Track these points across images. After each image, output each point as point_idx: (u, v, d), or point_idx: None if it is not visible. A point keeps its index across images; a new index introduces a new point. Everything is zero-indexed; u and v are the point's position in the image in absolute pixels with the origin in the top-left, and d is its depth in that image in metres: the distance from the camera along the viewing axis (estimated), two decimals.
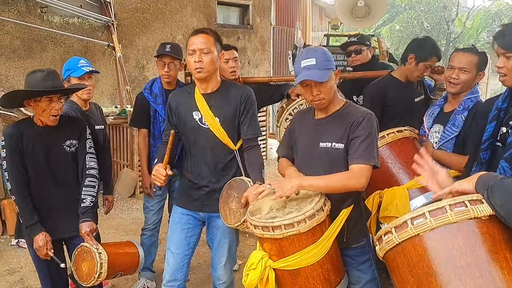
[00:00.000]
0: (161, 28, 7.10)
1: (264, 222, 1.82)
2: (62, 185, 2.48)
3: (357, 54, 3.80)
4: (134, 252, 2.60)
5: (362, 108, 2.05)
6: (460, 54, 2.45)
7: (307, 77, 1.91)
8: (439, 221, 1.35)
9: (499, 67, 1.77)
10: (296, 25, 10.69)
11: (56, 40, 5.45)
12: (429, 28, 20.09)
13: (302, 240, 1.81)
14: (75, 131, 2.53)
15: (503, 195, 1.30)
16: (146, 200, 3.39)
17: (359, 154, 1.90)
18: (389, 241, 1.46)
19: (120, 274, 2.52)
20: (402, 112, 2.95)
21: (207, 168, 2.41)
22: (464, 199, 1.36)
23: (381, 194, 2.39)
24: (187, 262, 2.50)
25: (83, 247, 2.39)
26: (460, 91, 2.45)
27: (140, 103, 3.28)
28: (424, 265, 1.37)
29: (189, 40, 2.31)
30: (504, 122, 1.84)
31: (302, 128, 2.14)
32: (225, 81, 2.48)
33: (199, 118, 2.37)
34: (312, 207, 1.82)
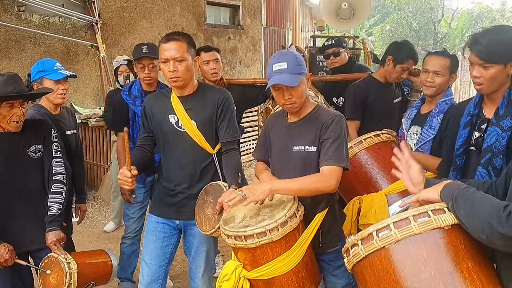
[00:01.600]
0: (149, 27, 6.96)
1: (236, 232, 1.79)
2: (28, 194, 2.35)
3: (335, 56, 3.89)
4: (106, 260, 2.49)
5: (331, 111, 2.07)
6: (433, 58, 2.51)
7: (278, 81, 1.91)
8: (404, 232, 1.33)
9: (476, 76, 1.79)
10: (286, 25, 10.64)
11: (36, 40, 5.29)
12: (417, 28, 21.01)
13: (275, 248, 1.79)
14: (40, 135, 2.40)
15: (466, 205, 1.29)
16: (126, 207, 3.30)
17: (329, 156, 1.90)
18: (356, 254, 1.43)
19: (91, 285, 2.39)
20: (380, 113, 3.04)
21: (183, 173, 2.34)
22: (427, 209, 1.35)
23: (360, 200, 2.38)
24: (163, 273, 2.41)
25: (50, 258, 2.27)
26: (436, 93, 2.51)
27: (118, 105, 3.19)
28: (390, 279, 1.34)
29: (161, 46, 2.24)
30: (477, 126, 1.88)
31: (276, 132, 2.14)
32: (202, 84, 2.43)
33: (175, 121, 2.32)
34: (285, 213, 1.80)
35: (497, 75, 1.76)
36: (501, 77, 1.78)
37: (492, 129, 1.80)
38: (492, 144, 1.78)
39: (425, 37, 21.02)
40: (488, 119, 1.85)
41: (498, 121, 1.79)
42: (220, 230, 2.03)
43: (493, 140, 1.78)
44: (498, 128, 1.78)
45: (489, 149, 1.79)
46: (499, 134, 1.77)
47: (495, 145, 1.77)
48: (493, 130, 1.80)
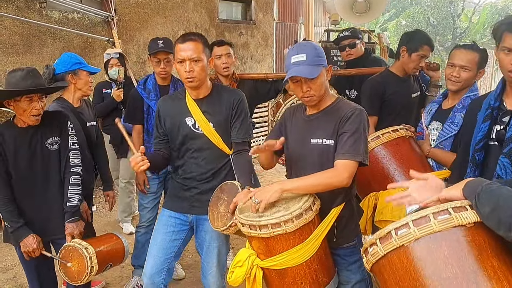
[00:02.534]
0: (162, 23, 7.04)
1: (251, 221, 1.79)
2: (48, 186, 2.43)
3: (351, 48, 3.80)
4: (118, 241, 2.58)
5: (353, 104, 2.00)
6: (461, 51, 2.38)
7: (296, 73, 1.87)
8: (423, 230, 1.29)
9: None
10: (299, 20, 10.61)
11: (56, 36, 5.42)
12: (435, 23, 20.16)
13: (289, 239, 1.78)
14: (56, 127, 2.46)
15: (490, 201, 1.23)
16: (140, 197, 3.37)
17: (345, 150, 1.86)
18: (375, 253, 1.40)
19: (109, 266, 2.49)
20: (399, 108, 2.94)
21: (199, 171, 2.37)
22: (448, 207, 1.30)
23: (376, 196, 2.34)
24: (168, 267, 2.41)
25: (67, 247, 2.35)
26: (460, 88, 2.41)
27: (134, 99, 3.26)
28: (410, 278, 1.31)
29: (177, 46, 2.25)
30: (498, 119, 1.79)
31: (293, 124, 2.10)
32: (216, 85, 2.45)
33: (192, 123, 2.34)
34: (300, 206, 1.78)
35: None
36: None
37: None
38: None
39: (443, 33, 20.24)
40: (510, 110, 1.76)
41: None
42: (231, 228, 2.06)
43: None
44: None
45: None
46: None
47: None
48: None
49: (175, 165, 2.47)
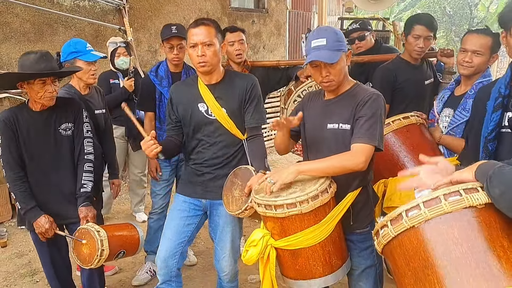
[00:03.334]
0: (174, 11, 7.01)
1: (267, 201, 1.81)
2: (59, 170, 2.46)
3: (360, 41, 3.75)
4: (133, 231, 2.58)
5: (370, 89, 1.99)
6: (473, 36, 2.36)
7: (316, 57, 1.86)
8: (434, 211, 1.30)
9: None
10: (312, 9, 10.49)
11: (67, 24, 5.43)
12: (451, 13, 19.88)
13: (304, 220, 1.80)
14: (70, 113, 2.49)
15: (501, 184, 1.23)
16: (153, 184, 3.40)
17: (361, 134, 1.85)
18: (386, 235, 1.41)
19: (122, 253, 2.49)
20: (412, 95, 2.92)
21: (213, 157, 2.38)
22: (459, 188, 1.31)
23: (385, 183, 2.34)
24: (181, 251, 2.44)
25: (80, 230, 2.38)
26: (472, 73, 2.38)
27: (146, 86, 3.27)
28: (420, 258, 1.32)
29: (189, 31, 2.25)
30: (510, 106, 1.77)
31: (311, 109, 2.10)
32: (228, 71, 2.44)
33: (205, 109, 2.34)
34: (316, 188, 1.80)
35: None
36: None
37: None
38: None
39: (459, 23, 19.88)
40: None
41: None
42: (246, 211, 2.08)
43: None
44: None
45: None
46: None
47: None
48: None
49: (188, 151, 2.48)
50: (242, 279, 3.22)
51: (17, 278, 3.47)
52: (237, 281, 2.59)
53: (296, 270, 1.90)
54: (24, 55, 2.35)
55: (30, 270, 3.57)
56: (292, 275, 1.93)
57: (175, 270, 2.44)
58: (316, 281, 1.90)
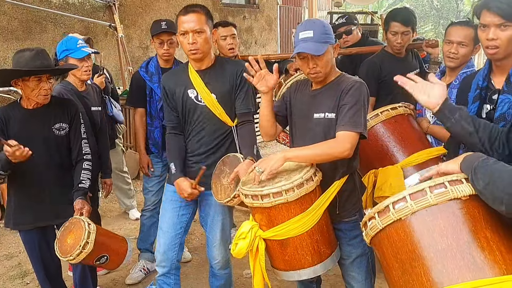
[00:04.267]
0: (165, 8, 6.98)
1: (253, 191, 1.82)
2: (52, 170, 2.43)
3: (347, 35, 3.80)
4: (124, 242, 2.51)
5: (354, 78, 2.03)
6: (457, 28, 2.42)
7: (302, 49, 1.89)
8: (420, 204, 1.32)
9: (492, 39, 1.70)
10: (303, 4, 10.49)
11: (56, 21, 5.39)
12: (439, 7, 20.22)
13: (291, 209, 1.81)
14: (66, 114, 2.46)
15: (485, 176, 1.26)
16: (145, 181, 3.38)
17: (345, 121, 1.88)
18: (373, 227, 1.44)
19: (105, 258, 2.37)
20: (398, 87, 2.88)
21: (201, 144, 2.38)
22: (444, 180, 1.34)
23: (376, 173, 2.36)
24: (179, 242, 2.46)
25: (72, 220, 2.32)
26: (458, 65, 2.45)
27: (136, 82, 3.24)
28: (407, 250, 1.35)
29: (179, 19, 2.24)
30: (487, 99, 1.81)
31: (298, 99, 2.13)
32: (219, 57, 2.44)
33: (194, 95, 2.33)
34: (301, 176, 1.81)
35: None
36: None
37: (503, 97, 1.73)
38: (505, 112, 1.71)
39: (446, 16, 20.33)
40: (499, 89, 1.78)
41: (510, 88, 1.72)
42: (235, 199, 2.09)
43: (506, 108, 1.71)
44: (510, 95, 1.71)
45: (501, 118, 1.72)
46: (511, 101, 1.70)
47: (508, 113, 1.71)
48: (505, 97, 1.72)
49: None
50: (237, 273, 3.22)
51: (7, 280, 3.42)
52: (229, 268, 2.60)
53: (285, 261, 1.91)
54: (19, 52, 2.32)
55: (20, 272, 3.53)
56: (282, 266, 1.94)
57: (175, 262, 2.46)
58: (305, 271, 1.90)
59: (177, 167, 2.35)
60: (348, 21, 3.82)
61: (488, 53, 1.76)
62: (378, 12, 6.15)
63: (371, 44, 3.82)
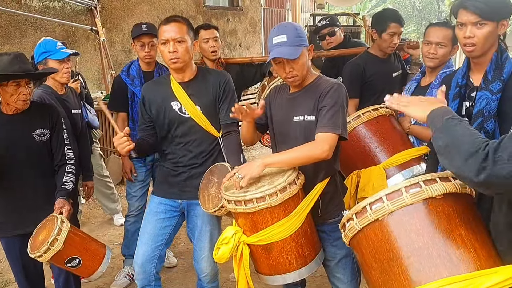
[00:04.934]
0: (147, 11, 6.94)
1: (236, 196, 1.81)
2: (33, 176, 2.39)
3: (331, 36, 3.84)
4: (102, 248, 2.41)
5: (332, 80, 2.04)
6: (435, 29, 2.46)
7: (278, 54, 1.90)
8: (396, 204, 1.35)
9: (469, 37, 1.74)
10: (286, 6, 10.53)
11: (36, 25, 5.30)
12: (420, 8, 20.64)
13: (274, 213, 1.81)
14: (47, 120, 2.43)
15: (446, 137, 1.28)
16: (128, 186, 3.35)
17: (324, 123, 1.89)
18: (352, 228, 1.46)
19: (77, 261, 2.25)
20: (381, 88, 2.97)
21: (188, 155, 2.36)
22: (419, 180, 1.37)
23: (359, 174, 2.38)
24: (159, 254, 2.39)
25: (48, 217, 2.26)
26: (437, 65, 2.48)
27: (117, 86, 3.21)
28: (385, 250, 1.37)
29: (161, 28, 2.24)
30: (467, 96, 1.85)
31: (277, 103, 2.14)
32: (201, 68, 2.43)
33: (178, 107, 2.32)
34: (284, 180, 1.81)
35: (490, 34, 1.72)
36: (493, 37, 1.75)
37: (481, 93, 1.77)
38: (483, 108, 1.76)
39: (428, 17, 20.79)
40: (477, 86, 1.82)
41: (487, 85, 1.77)
42: (223, 209, 2.06)
43: (483, 104, 1.76)
44: (488, 91, 1.76)
45: (480, 113, 1.77)
46: (489, 98, 1.75)
47: (485, 109, 1.75)
48: (483, 94, 1.77)
49: (163, 151, 2.44)
50: (223, 277, 3.20)
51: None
52: (218, 281, 2.56)
53: (270, 266, 1.90)
54: None
55: (2, 282, 3.45)
56: (267, 271, 1.93)
57: (154, 274, 2.40)
58: (290, 275, 1.90)
59: None
60: (331, 23, 3.85)
61: (466, 51, 1.80)
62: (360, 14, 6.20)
63: (353, 45, 3.86)
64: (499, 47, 1.80)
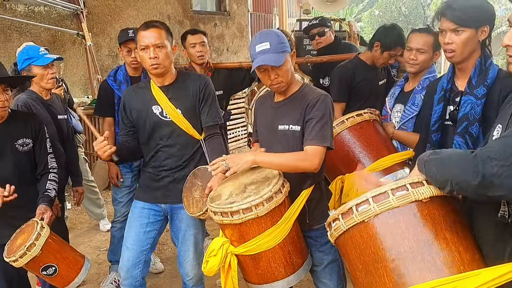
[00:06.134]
0: (134, 15, 6.92)
1: (222, 208, 1.80)
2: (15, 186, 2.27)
3: (320, 36, 3.85)
4: (81, 258, 2.35)
5: (317, 90, 2.05)
6: (416, 35, 2.49)
7: (263, 62, 1.89)
8: (382, 206, 1.35)
9: (448, 43, 1.80)
10: (273, 11, 10.59)
11: (22, 30, 5.25)
12: (406, 13, 20.83)
13: (261, 223, 1.80)
14: (29, 129, 2.39)
15: (436, 163, 1.32)
16: (114, 192, 3.32)
17: (313, 136, 1.90)
18: (337, 228, 1.46)
19: (53, 270, 2.19)
20: (367, 95, 3.02)
21: (170, 159, 2.36)
22: (406, 183, 1.36)
23: (343, 179, 2.39)
24: (144, 259, 2.40)
25: (29, 222, 2.22)
26: (418, 70, 2.51)
27: (104, 91, 3.20)
28: (370, 252, 1.37)
29: (139, 34, 2.24)
30: (451, 100, 1.90)
31: (262, 112, 2.15)
32: (181, 72, 2.44)
33: (159, 111, 2.33)
34: (270, 189, 1.80)
35: (469, 40, 1.78)
36: (473, 43, 1.79)
37: (466, 98, 1.81)
38: (468, 112, 1.80)
39: (414, 22, 20.94)
40: (462, 91, 1.86)
41: (472, 90, 1.80)
42: (207, 213, 2.04)
43: (468, 108, 1.80)
44: (472, 96, 1.79)
45: (465, 118, 1.80)
46: (473, 102, 1.78)
47: (470, 113, 1.79)
48: (468, 99, 1.80)
49: (145, 155, 2.45)
50: (210, 283, 3.19)
51: None
52: (203, 285, 2.56)
53: (259, 275, 1.89)
54: None
55: None
56: (255, 280, 1.92)
57: (140, 280, 2.40)
58: (279, 283, 1.89)
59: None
60: (321, 23, 3.86)
61: (447, 56, 1.86)
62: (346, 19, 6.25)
63: (344, 47, 3.89)
64: (483, 53, 1.84)
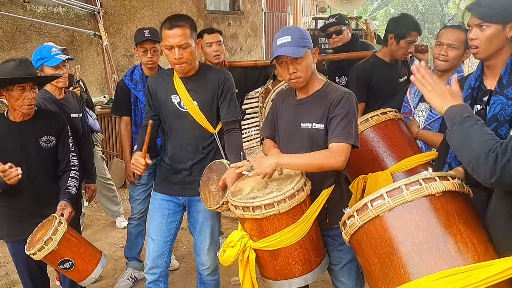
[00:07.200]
0: (150, 15, 6.99)
1: (244, 202, 1.82)
2: (38, 182, 2.42)
3: (338, 35, 3.78)
4: (98, 254, 2.41)
5: (342, 88, 2.03)
6: (448, 30, 2.43)
7: (281, 53, 1.89)
8: (397, 201, 1.40)
9: (472, 38, 1.77)
10: (287, 10, 10.56)
11: (41, 30, 5.36)
12: (423, 11, 20.38)
13: (282, 220, 1.82)
14: (54, 127, 2.47)
15: (459, 138, 1.34)
16: (131, 189, 3.37)
17: (337, 133, 1.89)
18: (352, 225, 1.50)
19: (69, 264, 2.26)
20: (386, 93, 2.94)
21: (186, 152, 2.41)
22: (419, 178, 1.42)
23: (365, 178, 2.35)
24: (169, 249, 2.49)
25: (50, 217, 2.30)
26: (448, 67, 2.43)
27: (121, 90, 3.25)
28: (385, 245, 1.41)
29: (164, 32, 2.25)
30: (478, 99, 1.84)
31: (284, 109, 2.13)
32: (203, 65, 2.47)
33: (177, 101, 2.37)
34: (292, 187, 1.82)
35: (494, 36, 1.71)
36: (499, 40, 1.72)
37: (496, 98, 1.74)
38: (497, 113, 1.72)
39: (431, 20, 20.47)
40: (490, 90, 1.80)
41: (502, 90, 1.73)
42: (224, 206, 2.10)
43: (498, 109, 1.72)
44: (503, 96, 1.72)
45: (494, 119, 1.73)
46: (504, 103, 1.71)
47: (500, 114, 1.71)
48: (497, 99, 1.73)
49: (163, 146, 2.51)
50: (225, 281, 3.22)
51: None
52: (218, 275, 2.60)
53: (276, 270, 1.91)
54: (3, 62, 2.34)
55: (8, 282, 3.49)
56: (273, 276, 1.94)
57: (165, 269, 2.48)
58: (296, 280, 1.90)
59: (140, 146, 2.33)
60: (339, 21, 3.79)
61: (472, 53, 1.82)
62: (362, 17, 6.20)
63: (361, 46, 3.82)
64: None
